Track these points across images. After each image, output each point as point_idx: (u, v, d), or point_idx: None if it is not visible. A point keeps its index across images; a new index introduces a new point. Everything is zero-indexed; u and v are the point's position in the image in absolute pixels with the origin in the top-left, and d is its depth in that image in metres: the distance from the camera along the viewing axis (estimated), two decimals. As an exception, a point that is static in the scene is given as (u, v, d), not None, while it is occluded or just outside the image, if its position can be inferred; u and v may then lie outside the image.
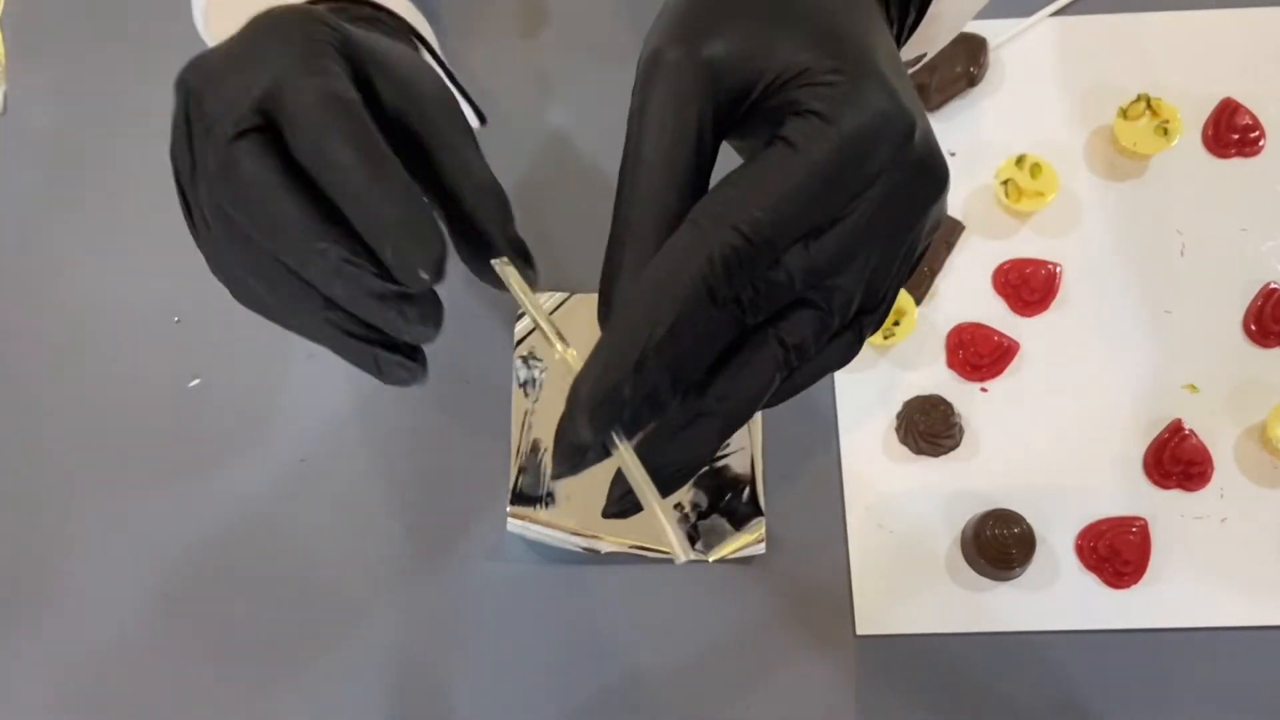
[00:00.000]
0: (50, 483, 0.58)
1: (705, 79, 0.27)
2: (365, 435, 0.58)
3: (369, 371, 0.31)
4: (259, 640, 0.55)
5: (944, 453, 0.57)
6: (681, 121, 0.27)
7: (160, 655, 0.55)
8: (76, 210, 0.63)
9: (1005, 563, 0.53)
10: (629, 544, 0.55)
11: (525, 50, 0.65)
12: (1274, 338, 0.58)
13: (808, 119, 0.26)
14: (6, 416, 0.60)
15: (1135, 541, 0.55)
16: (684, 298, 0.25)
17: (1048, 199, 0.59)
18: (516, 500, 0.55)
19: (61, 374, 0.60)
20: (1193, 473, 0.56)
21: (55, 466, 0.59)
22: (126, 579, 0.56)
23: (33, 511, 0.58)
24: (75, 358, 0.60)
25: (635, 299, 0.26)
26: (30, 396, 0.60)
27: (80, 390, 0.60)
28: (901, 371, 0.58)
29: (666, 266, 0.26)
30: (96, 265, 0.62)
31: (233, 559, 0.57)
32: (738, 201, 0.26)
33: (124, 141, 0.64)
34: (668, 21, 0.28)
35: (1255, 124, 0.61)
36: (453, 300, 0.63)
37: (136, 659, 0.55)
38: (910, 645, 0.54)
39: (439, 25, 0.64)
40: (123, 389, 0.60)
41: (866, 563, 0.55)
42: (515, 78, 0.64)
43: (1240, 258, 0.59)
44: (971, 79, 0.62)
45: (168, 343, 0.60)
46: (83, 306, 0.61)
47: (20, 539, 0.57)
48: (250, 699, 0.55)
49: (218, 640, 0.56)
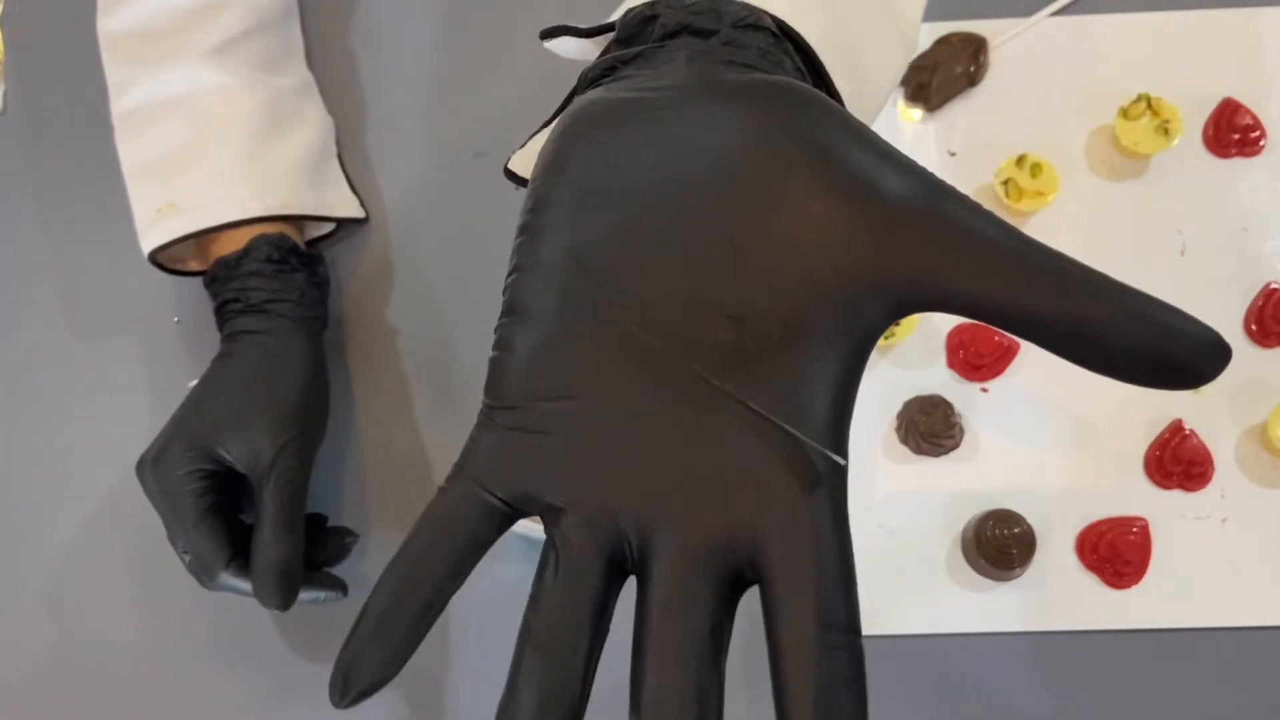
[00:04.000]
0: (50, 483, 0.58)
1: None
2: (364, 436, 0.58)
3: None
4: (258, 640, 0.55)
5: (944, 453, 0.57)
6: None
7: (157, 656, 0.55)
8: (76, 210, 0.63)
9: (1005, 563, 0.53)
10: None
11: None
12: (1275, 338, 0.58)
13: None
14: (5, 415, 0.60)
15: (1136, 542, 0.55)
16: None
17: (1048, 199, 0.59)
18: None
19: (61, 374, 0.60)
20: (1193, 473, 0.56)
21: (55, 467, 0.59)
22: (126, 580, 0.56)
23: (32, 511, 0.58)
24: (75, 358, 0.60)
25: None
26: (30, 396, 0.60)
27: (80, 390, 0.60)
28: (901, 371, 0.58)
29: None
30: (96, 265, 0.62)
31: (232, 559, 0.57)
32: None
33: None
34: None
35: (1256, 124, 0.61)
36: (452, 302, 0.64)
37: (133, 661, 0.55)
38: (910, 645, 0.54)
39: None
40: (123, 389, 0.60)
41: (866, 563, 0.55)
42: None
43: (1241, 257, 0.59)
44: (971, 79, 0.62)
45: (168, 343, 0.60)
46: (83, 306, 0.61)
47: (19, 539, 0.57)
48: (250, 699, 0.55)
49: (217, 641, 0.56)
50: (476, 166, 0.62)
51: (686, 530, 0.25)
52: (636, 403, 0.26)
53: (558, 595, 0.26)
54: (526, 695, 0.25)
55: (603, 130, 0.28)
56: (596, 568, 0.26)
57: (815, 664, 0.24)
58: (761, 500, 0.25)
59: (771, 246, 0.26)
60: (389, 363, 0.59)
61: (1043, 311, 0.25)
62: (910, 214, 0.26)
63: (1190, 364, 0.24)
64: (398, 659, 0.26)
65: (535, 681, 0.25)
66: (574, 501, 0.26)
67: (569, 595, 0.26)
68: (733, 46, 0.30)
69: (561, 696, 0.25)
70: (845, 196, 0.26)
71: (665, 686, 0.24)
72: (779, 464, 0.25)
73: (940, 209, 0.26)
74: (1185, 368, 0.24)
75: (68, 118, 0.65)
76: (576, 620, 0.25)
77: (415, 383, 0.59)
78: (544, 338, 0.27)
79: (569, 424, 0.27)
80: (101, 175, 0.64)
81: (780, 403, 0.26)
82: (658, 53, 0.31)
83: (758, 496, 0.25)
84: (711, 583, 0.25)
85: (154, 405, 0.59)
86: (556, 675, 0.25)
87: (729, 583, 0.25)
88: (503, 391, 0.27)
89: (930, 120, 0.62)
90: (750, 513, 0.25)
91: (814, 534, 0.25)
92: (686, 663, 0.25)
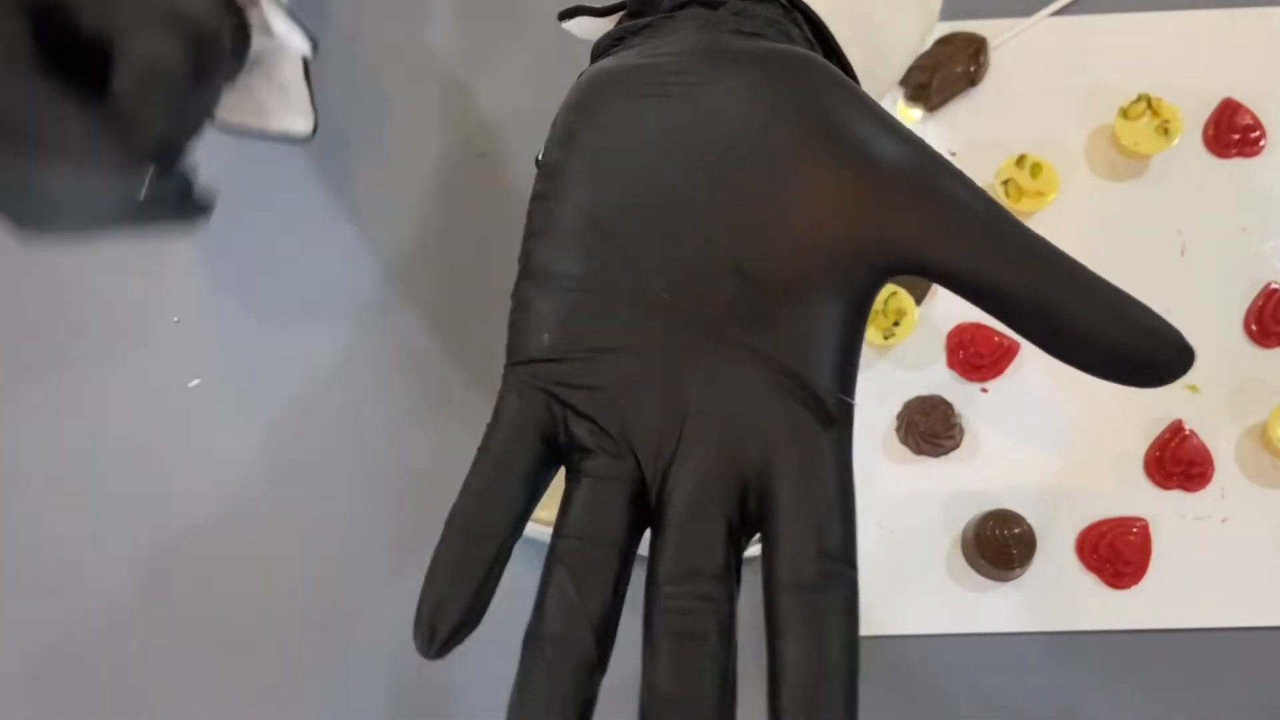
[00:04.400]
0: (50, 483, 0.58)
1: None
2: (364, 435, 0.58)
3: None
4: (257, 640, 0.55)
5: (944, 453, 0.57)
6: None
7: (156, 657, 0.55)
8: (76, 210, 0.63)
9: (1005, 563, 0.53)
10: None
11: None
12: (1275, 338, 0.58)
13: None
14: (6, 416, 0.60)
15: (1136, 542, 0.55)
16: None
17: (1048, 199, 0.59)
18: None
19: (61, 374, 0.60)
20: (1193, 473, 0.56)
21: (54, 467, 0.59)
22: (125, 579, 0.56)
23: (31, 512, 0.58)
24: (75, 358, 0.60)
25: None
26: (30, 396, 0.60)
27: (80, 390, 0.60)
28: (901, 372, 0.58)
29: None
30: (96, 265, 0.62)
31: (231, 558, 0.57)
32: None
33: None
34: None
35: (1256, 124, 0.61)
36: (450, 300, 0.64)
37: (132, 661, 0.55)
38: (910, 645, 0.54)
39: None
40: (123, 389, 0.60)
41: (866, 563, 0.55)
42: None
43: (1241, 258, 0.59)
44: (971, 79, 0.62)
45: (168, 343, 0.60)
46: (83, 306, 0.61)
47: (19, 539, 0.57)
48: (250, 700, 0.55)
49: (216, 641, 0.56)
50: (477, 167, 0.62)
51: (705, 463, 0.27)
52: (655, 352, 0.28)
53: (584, 522, 0.27)
54: (555, 613, 0.26)
55: (612, 96, 0.30)
56: (621, 502, 0.27)
57: (812, 590, 0.25)
58: (776, 437, 0.26)
59: (774, 207, 0.28)
60: (389, 363, 0.59)
61: (1016, 290, 0.26)
62: (903, 181, 0.27)
63: (1156, 363, 0.25)
64: (479, 603, 0.27)
65: (562, 596, 0.26)
66: (602, 444, 0.27)
67: (594, 523, 0.27)
68: (741, 17, 0.31)
69: (590, 611, 0.26)
70: (843, 160, 0.28)
71: (680, 594, 0.26)
72: (794, 404, 0.26)
73: (932, 178, 0.27)
74: (1150, 365, 0.26)
75: (68, 118, 0.65)
76: (604, 545, 0.27)
77: (416, 382, 0.59)
78: (563, 297, 0.28)
79: (592, 374, 0.28)
80: (101, 175, 0.64)
81: (790, 350, 0.27)
82: (666, 23, 0.32)
83: (773, 433, 0.26)
84: (725, 509, 0.26)
85: (154, 405, 0.59)
86: (583, 594, 0.26)
87: (740, 515, 0.27)
88: (525, 348, 0.29)
89: (930, 120, 0.62)
90: (766, 449, 0.26)
91: (822, 467, 0.26)
92: (700, 575, 0.26)
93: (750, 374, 0.27)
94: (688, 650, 0.25)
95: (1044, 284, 0.26)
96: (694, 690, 0.25)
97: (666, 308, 0.28)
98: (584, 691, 0.26)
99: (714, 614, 0.25)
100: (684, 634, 0.25)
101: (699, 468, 0.27)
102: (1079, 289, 0.26)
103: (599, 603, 0.26)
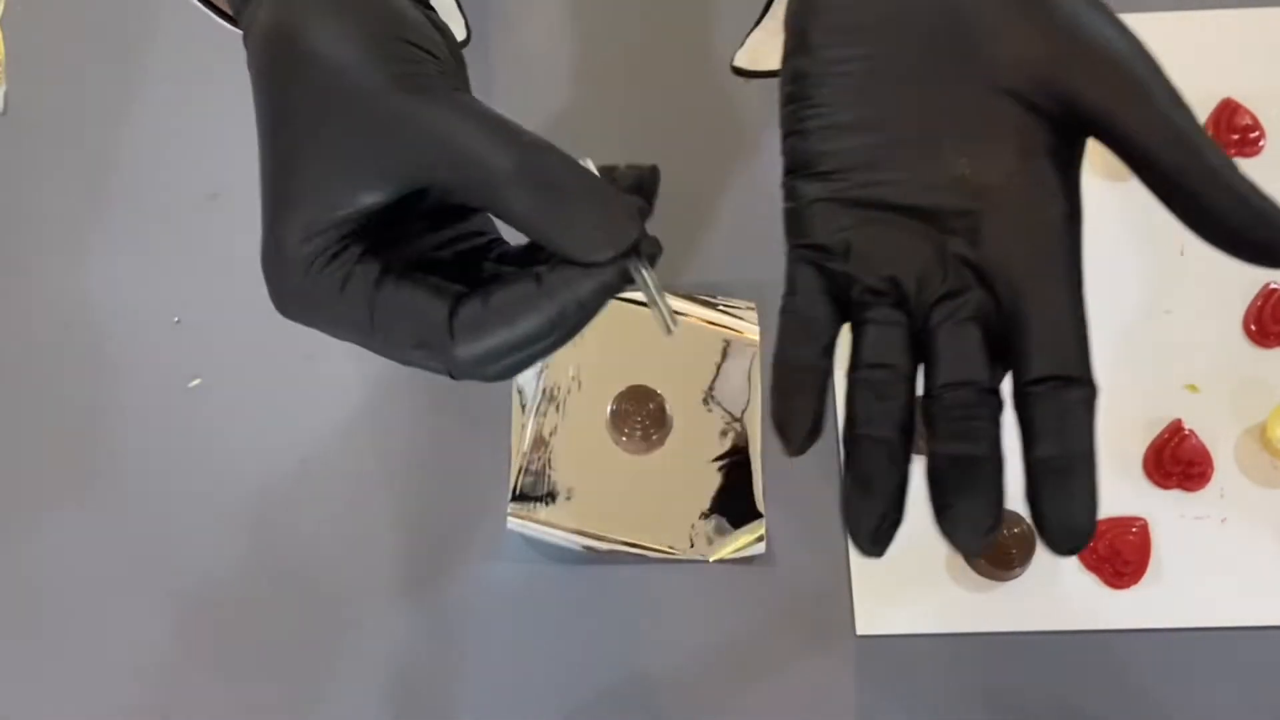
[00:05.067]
0: (49, 483, 0.58)
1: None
2: (365, 435, 0.58)
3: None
4: (258, 640, 0.55)
5: (944, 453, 0.56)
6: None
7: (156, 657, 0.55)
8: (76, 210, 0.63)
9: (1005, 563, 0.53)
10: (629, 543, 0.55)
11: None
12: (1274, 338, 0.58)
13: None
14: (5, 416, 0.60)
15: (1135, 541, 0.55)
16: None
17: (1048, 199, 0.59)
18: (517, 498, 0.55)
19: (61, 374, 0.60)
20: (1193, 473, 0.56)
21: (54, 466, 0.59)
22: (124, 579, 0.56)
23: (31, 511, 0.58)
24: (75, 358, 0.60)
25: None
26: (30, 396, 0.60)
27: (80, 390, 0.60)
28: (901, 371, 0.58)
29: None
30: (96, 265, 0.62)
31: (231, 559, 0.57)
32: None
33: (123, 141, 0.64)
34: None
35: (1255, 124, 0.61)
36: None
37: (132, 661, 0.55)
38: (910, 645, 0.54)
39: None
40: (123, 389, 0.60)
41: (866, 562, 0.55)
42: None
43: (1240, 258, 0.59)
44: (971, 79, 0.62)
45: (168, 343, 0.60)
46: (83, 306, 0.61)
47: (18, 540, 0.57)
48: (249, 700, 0.55)
49: (216, 641, 0.56)
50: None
51: (960, 307, 0.34)
52: (913, 211, 0.34)
53: (874, 356, 0.34)
54: (864, 418, 0.34)
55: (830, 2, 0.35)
56: (900, 339, 0.34)
57: (1062, 387, 0.34)
58: (1023, 265, 0.34)
59: (980, 60, 0.34)
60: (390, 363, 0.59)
61: (1164, 159, 0.34)
62: (1089, 42, 0.34)
63: (1270, 247, 0.34)
64: (819, 414, 0.34)
65: (868, 408, 0.34)
66: (876, 298, 0.34)
67: (881, 357, 0.34)
68: None
69: (893, 418, 0.33)
70: (1054, 30, 0.33)
71: (957, 397, 0.34)
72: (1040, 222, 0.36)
73: (1132, 64, 0.35)
74: (1267, 249, 0.35)
75: (68, 118, 0.65)
76: (891, 371, 0.33)
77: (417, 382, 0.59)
78: (826, 183, 0.34)
79: (863, 240, 0.34)
80: (101, 175, 0.64)
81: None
82: None
83: (1018, 260, 0.34)
84: (981, 335, 0.34)
85: (154, 406, 0.59)
86: (886, 405, 0.33)
87: (991, 345, 0.34)
88: (805, 230, 0.34)
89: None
90: (1012, 277, 0.34)
91: (1063, 271, 0.35)
92: (972, 384, 0.34)
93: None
94: (965, 429, 0.33)
95: (1188, 161, 0.34)
96: (972, 449, 0.34)
97: (920, 166, 0.34)
98: (900, 470, 0.34)
99: (988, 411, 0.34)
100: (962, 416, 0.33)
101: (954, 309, 0.33)
102: (1218, 173, 0.34)
103: (899, 408, 0.33)
